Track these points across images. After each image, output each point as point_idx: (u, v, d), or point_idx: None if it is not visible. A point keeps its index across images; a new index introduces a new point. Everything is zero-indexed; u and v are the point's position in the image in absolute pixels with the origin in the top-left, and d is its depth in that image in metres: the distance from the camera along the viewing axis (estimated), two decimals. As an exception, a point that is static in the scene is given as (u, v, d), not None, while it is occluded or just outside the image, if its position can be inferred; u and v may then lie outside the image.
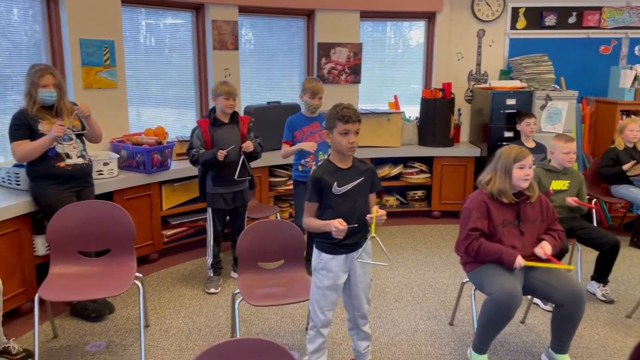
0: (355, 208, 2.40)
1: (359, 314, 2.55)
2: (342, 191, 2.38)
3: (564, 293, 2.57)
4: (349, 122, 2.31)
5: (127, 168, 3.97)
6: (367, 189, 2.46)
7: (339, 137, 2.34)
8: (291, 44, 5.34)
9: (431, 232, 4.98)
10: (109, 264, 2.92)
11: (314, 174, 2.41)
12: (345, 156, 2.40)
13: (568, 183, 3.49)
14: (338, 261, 2.43)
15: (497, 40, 5.52)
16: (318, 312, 2.48)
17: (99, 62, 4.02)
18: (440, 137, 5.25)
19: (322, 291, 2.45)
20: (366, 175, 2.44)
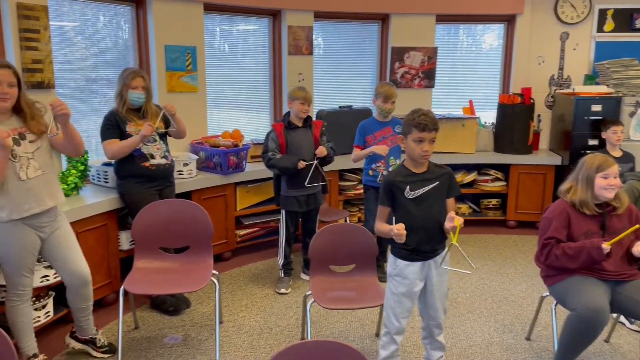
0: (430, 213, 2.34)
1: (434, 323, 2.50)
2: (415, 195, 2.33)
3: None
4: (425, 130, 2.27)
5: (205, 169, 4.12)
6: (443, 194, 2.39)
7: (412, 144, 2.31)
8: (363, 48, 5.34)
9: (506, 242, 4.80)
10: (187, 260, 3.04)
11: (387, 177, 2.40)
12: (418, 162, 2.37)
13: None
14: (414, 268, 2.39)
15: (582, 43, 5.24)
16: (392, 318, 2.45)
17: (181, 67, 4.20)
18: (518, 144, 5.05)
19: (397, 298, 2.42)
20: (442, 179, 2.38)
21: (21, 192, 2.42)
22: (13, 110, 2.46)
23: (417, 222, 2.31)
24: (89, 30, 3.83)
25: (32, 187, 2.45)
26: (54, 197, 2.57)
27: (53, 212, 2.61)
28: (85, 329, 2.82)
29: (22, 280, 2.54)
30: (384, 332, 2.52)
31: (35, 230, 2.53)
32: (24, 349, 2.61)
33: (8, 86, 2.36)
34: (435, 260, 2.40)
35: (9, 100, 2.39)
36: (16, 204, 2.42)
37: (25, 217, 2.45)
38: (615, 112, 4.71)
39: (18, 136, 2.44)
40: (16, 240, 2.47)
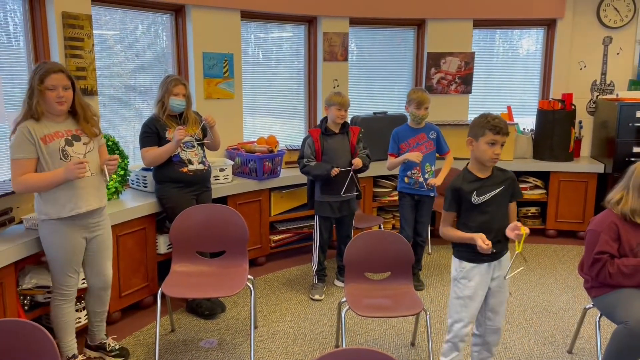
0: (495, 218, 2.35)
1: (493, 327, 2.47)
2: (482, 201, 2.34)
3: None
4: (500, 133, 2.28)
5: (241, 174, 4.16)
6: (506, 198, 2.40)
7: (484, 147, 2.29)
8: (397, 54, 5.31)
9: (546, 251, 4.66)
10: (223, 264, 3.07)
11: (453, 183, 2.38)
12: (485, 166, 2.35)
13: None
14: (480, 270, 2.37)
15: (626, 47, 5.08)
16: (457, 324, 2.43)
17: (219, 74, 4.26)
18: (558, 151, 4.92)
19: (464, 302, 2.40)
20: (506, 184, 2.38)
21: (69, 192, 2.50)
22: (69, 112, 2.57)
23: (484, 227, 2.32)
24: (128, 39, 3.93)
25: (80, 188, 2.53)
26: (99, 199, 2.65)
27: (98, 213, 2.68)
28: (96, 333, 2.88)
29: (66, 280, 2.61)
30: (448, 338, 2.49)
31: (81, 230, 2.60)
32: (64, 349, 2.68)
33: (63, 89, 2.46)
34: (500, 261, 2.40)
35: (65, 103, 2.49)
36: (62, 203, 2.50)
37: (71, 216, 2.52)
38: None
39: (72, 138, 2.54)
40: (63, 239, 2.55)
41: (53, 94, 2.43)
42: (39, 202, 2.54)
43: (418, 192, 3.78)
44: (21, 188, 2.49)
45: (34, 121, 2.45)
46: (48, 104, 2.45)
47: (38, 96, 2.42)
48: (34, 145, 2.43)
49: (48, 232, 2.55)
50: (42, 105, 2.44)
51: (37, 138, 2.44)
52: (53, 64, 2.50)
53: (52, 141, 2.47)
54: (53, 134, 2.48)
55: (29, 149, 2.43)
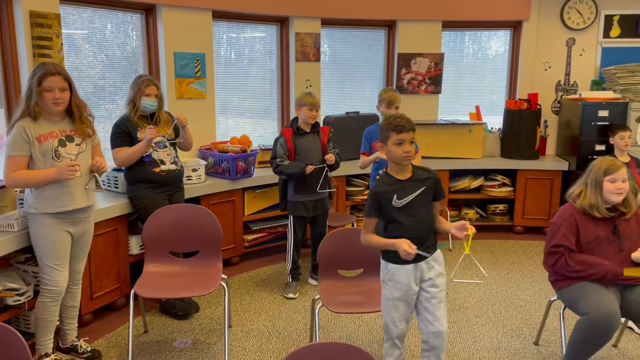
0: (420, 219, 2.32)
1: (434, 331, 2.36)
2: (403, 203, 2.30)
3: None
4: (403, 131, 2.24)
5: (214, 174, 4.16)
6: (429, 199, 2.36)
7: (393, 148, 2.27)
8: (369, 55, 5.38)
9: (513, 247, 4.80)
10: (197, 264, 3.07)
11: (374, 189, 2.36)
12: (402, 166, 2.32)
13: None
14: (407, 271, 2.34)
15: (589, 49, 5.26)
16: (390, 324, 2.43)
17: (190, 73, 4.25)
18: (525, 150, 5.06)
19: (393, 303, 2.39)
20: (427, 183, 2.34)
21: (58, 189, 2.58)
22: (65, 112, 2.65)
23: (408, 230, 2.28)
24: (97, 38, 3.88)
25: (69, 187, 2.60)
26: (87, 198, 2.73)
27: (87, 211, 2.76)
28: (68, 334, 2.88)
29: (55, 275, 2.63)
30: (385, 338, 2.50)
31: (67, 225, 2.66)
32: (39, 346, 2.70)
33: (60, 91, 2.55)
34: (428, 262, 2.35)
35: (62, 105, 2.58)
36: (51, 200, 2.58)
37: (57, 212, 2.60)
38: (622, 118, 4.71)
39: (65, 138, 2.62)
40: (50, 231, 2.62)
41: (50, 95, 2.52)
42: (29, 196, 2.63)
43: (389, 191, 3.84)
44: (13, 183, 2.61)
45: (30, 120, 2.55)
46: (45, 105, 2.55)
47: (36, 97, 2.52)
48: (28, 143, 2.54)
49: (37, 225, 2.62)
50: (39, 105, 2.55)
51: (32, 137, 2.54)
52: (51, 66, 2.56)
53: (46, 141, 2.56)
54: (47, 134, 2.57)
55: (24, 147, 2.54)
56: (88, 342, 2.95)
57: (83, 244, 2.82)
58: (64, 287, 2.70)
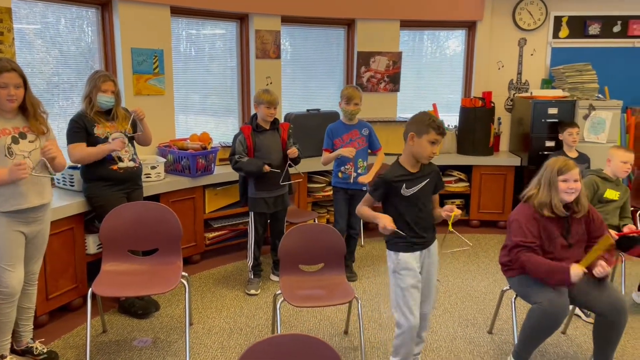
0: (422, 209, 2.50)
1: (422, 312, 2.55)
2: (410, 193, 2.47)
3: (605, 302, 2.53)
4: (443, 134, 2.43)
5: (173, 172, 4.12)
6: (431, 190, 2.56)
7: (426, 144, 2.41)
8: (330, 53, 5.43)
9: (469, 240, 4.92)
10: (156, 262, 3.05)
11: (385, 176, 2.48)
12: (418, 162, 2.49)
13: (619, 195, 3.44)
14: (415, 257, 2.50)
15: (539, 49, 5.47)
16: (408, 314, 2.47)
17: (148, 70, 4.19)
18: (480, 146, 5.23)
19: (407, 291, 2.48)
20: (431, 176, 2.54)
21: (12, 188, 2.51)
22: (19, 109, 2.59)
23: (412, 217, 2.47)
24: (50, 33, 3.78)
25: (22, 185, 2.54)
26: (41, 197, 2.65)
27: (41, 210, 2.68)
28: (22, 335, 2.82)
29: (5, 275, 2.55)
30: (398, 333, 2.52)
31: (20, 225, 2.59)
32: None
33: (15, 88, 2.50)
34: (429, 249, 2.55)
35: (16, 101, 2.54)
36: (4, 198, 2.51)
37: (11, 211, 2.53)
38: (570, 115, 4.92)
39: (18, 135, 2.56)
40: (1, 231, 2.53)
41: (4, 92, 2.48)
42: None
43: (351, 187, 3.90)
44: None
45: None
46: None
47: None
48: None
49: None
50: None
51: None
52: (6, 62, 2.51)
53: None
54: (0, 131, 2.50)
55: None
56: (44, 344, 2.88)
57: (38, 244, 2.75)
58: (18, 289, 2.62)
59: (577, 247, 2.67)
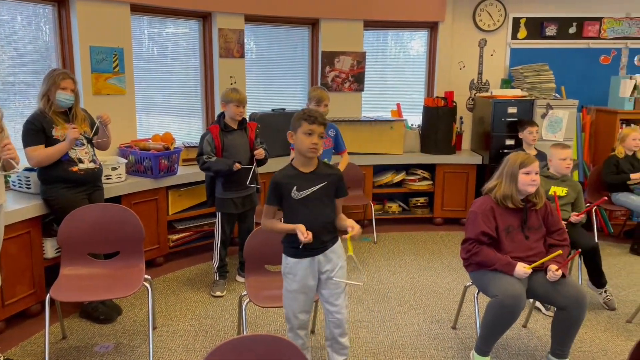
0: (318, 214, 2.35)
1: (334, 320, 2.46)
2: (302, 196, 2.33)
3: (566, 296, 2.61)
4: (315, 123, 2.27)
5: (135, 173, 4.03)
6: (331, 195, 2.40)
7: (302, 137, 2.28)
8: (295, 52, 5.43)
9: (433, 238, 5.03)
10: (118, 265, 2.98)
11: (274, 177, 2.36)
12: (306, 158, 2.33)
13: (567, 190, 3.56)
14: (303, 264, 2.40)
15: (499, 49, 5.60)
16: (291, 315, 2.49)
17: (108, 68, 4.09)
18: (443, 145, 5.31)
19: (292, 295, 2.45)
20: (330, 179, 2.37)
21: None
22: None
23: (305, 222, 2.29)
24: (5, 31, 3.65)
25: None
26: None
27: None
28: None
29: None
30: (288, 328, 2.55)
31: None
32: None
33: None
34: (326, 255, 2.40)
35: None
36: None
37: None
38: (529, 114, 5.06)
39: None
40: None
41: None
42: None
43: (316, 186, 3.90)
44: None
45: None
46: None
47: None
48: None
49: None
50: None
51: None
52: None
53: None
54: None
55: None
56: (0, 352, 2.78)
57: None
58: None
59: (534, 238, 2.76)
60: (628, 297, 3.76)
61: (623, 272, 4.21)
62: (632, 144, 4.52)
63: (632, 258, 4.56)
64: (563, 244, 2.77)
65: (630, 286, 3.96)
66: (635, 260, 4.50)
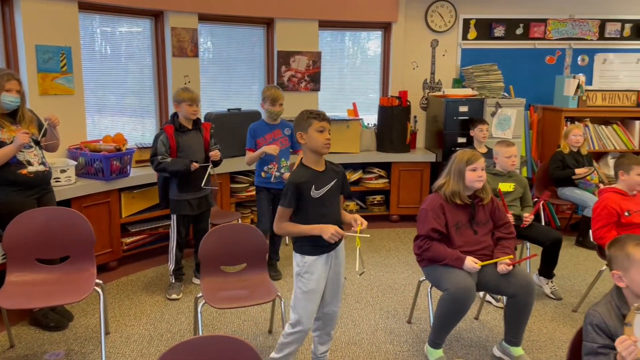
0: (332, 209, 2.45)
1: (330, 313, 2.55)
2: (320, 194, 2.40)
3: (515, 284, 2.70)
4: (324, 119, 2.39)
5: (85, 175, 3.92)
6: (339, 191, 2.51)
7: (315, 135, 2.36)
8: (251, 52, 5.40)
9: (390, 235, 5.11)
10: (68, 271, 2.89)
11: (294, 179, 2.38)
12: (320, 157, 2.42)
13: (514, 185, 3.69)
14: (321, 261, 2.44)
15: (450, 50, 5.74)
16: (304, 319, 2.44)
17: (55, 68, 3.97)
18: (398, 144, 5.40)
19: (309, 295, 2.43)
20: (338, 177, 2.49)
21: None
22: None
23: (322, 219, 2.38)
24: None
25: None
26: None
27: None
28: None
29: None
30: (290, 331, 2.47)
31: None
32: None
33: None
34: (336, 250, 2.49)
35: None
36: None
37: None
38: (479, 112, 5.21)
39: None
40: None
41: None
42: None
43: (274, 186, 3.89)
44: None
45: None
46: None
47: None
48: None
49: None
50: None
51: None
52: None
53: None
54: None
55: None
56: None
57: None
58: None
59: (482, 232, 2.85)
60: (574, 287, 3.93)
61: (569, 264, 4.40)
62: (574, 140, 4.73)
63: (578, 250, 4.77)
64: (509, 236, 2.88)
65: (576, 276, 4.15)
66: (580, 252, 4.71)
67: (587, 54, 5.88)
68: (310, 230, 2.37)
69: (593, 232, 3.32)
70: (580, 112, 5.36)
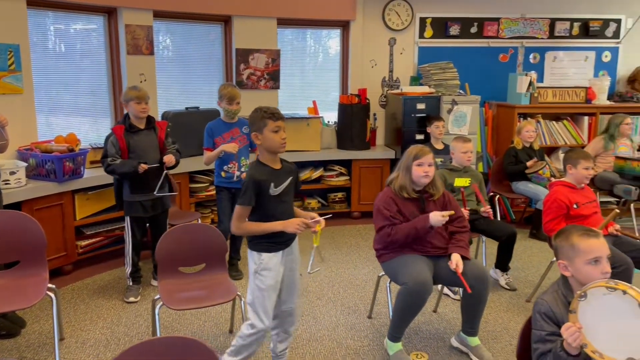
0: (288, 206, 2.47)
1: (287, 309, 2.55)
2: (279, 191, 2.40)
3: (470, 276, 2.77)
4: (280, 119, 2.39)
5: (36, 177, 3.80)
6: (293, 189, 2.52)
7: (271, 135, 2.36)
8: (209, 50, 5.34)
9: (351, 232, 5.15)
10: (18, 276, 2.80)
11: (253, 176, 2.36)
12: (276, 156, 2.43)
13: (469, 180, 3.78)
14: (277, 258, 2.45)
15: (407, 48, 5.83)
16: (263, 316, 2.42)
17: (2, 66, 3.82)
18: (358, 141, 5.45)
19: (267, 293, 2.42)
20: (293, 174, 2.51)
21: None
22: None
23: (281, 216, 2.40)
24: None
25: None
26: None
27: None
28: None
29: None
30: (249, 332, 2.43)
31: None
32: None
33: None
34: (291, 247, 2.50)
35: None
36: None
37: None
38: (436, 110, 5.31)
39: None
40: None
41: None
42: None
43: (235, 186, 3.86)
44: None
45: None
46: None
47: None
48: None
49: None
50: None
51: None
52: None
53: None
54: None
55: None
56: None
57: None
58: None
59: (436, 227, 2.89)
60: (527, 278, 4.06)
61: (523, 255, 4.54)
62: (526, 136, 4.88)
63: (531, 242, 4.93)
64: (463, 230, 2.95)
65: (529, 268, 4.28)
66: (533, 244, 4.87)
67: (538, 52, 6.07)
68: (272, 228, 2.37)
69: (544, 224, 3.43)
70: (532, 108, 5.53)
